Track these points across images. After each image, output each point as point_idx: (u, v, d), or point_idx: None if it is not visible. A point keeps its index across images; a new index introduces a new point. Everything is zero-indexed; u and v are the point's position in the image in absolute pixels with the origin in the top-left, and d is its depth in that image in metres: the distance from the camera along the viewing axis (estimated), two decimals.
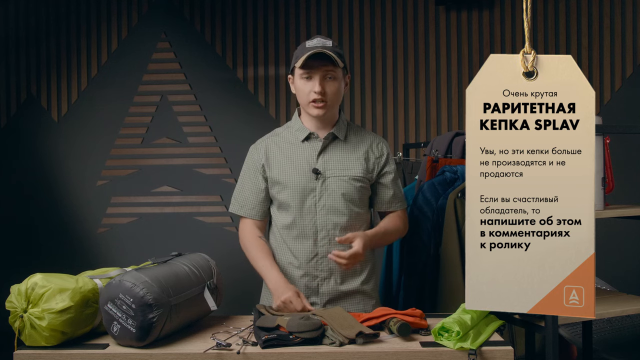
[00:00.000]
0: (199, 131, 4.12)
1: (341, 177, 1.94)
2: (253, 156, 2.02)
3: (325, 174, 1.94)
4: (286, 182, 1.94)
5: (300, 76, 1.91)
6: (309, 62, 1.88)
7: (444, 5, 4.01)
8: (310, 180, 1.93)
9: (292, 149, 1.98)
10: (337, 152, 1.97)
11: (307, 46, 1.90)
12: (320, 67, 1.88)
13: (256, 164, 2.00)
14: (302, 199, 1.93)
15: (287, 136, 2.02)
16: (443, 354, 1.51)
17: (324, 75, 1.90)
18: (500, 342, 1.58)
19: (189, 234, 4.08)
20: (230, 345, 1.52)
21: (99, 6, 4.17)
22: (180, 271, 1.67)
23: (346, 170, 1.95)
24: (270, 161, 1.98)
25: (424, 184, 2.48)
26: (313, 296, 1.95)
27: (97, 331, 1.64)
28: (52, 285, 1.52)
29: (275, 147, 2.00)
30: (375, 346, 1.53)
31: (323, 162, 1.95)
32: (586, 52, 3.96)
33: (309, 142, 1.98)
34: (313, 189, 1.93)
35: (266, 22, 4.13)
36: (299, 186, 1.93)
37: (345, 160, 1.97)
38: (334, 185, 1.93)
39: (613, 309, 1.94)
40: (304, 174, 1.94)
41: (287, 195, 1.94)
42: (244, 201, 2.01)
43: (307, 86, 1.91)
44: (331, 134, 1.97)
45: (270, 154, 1.99)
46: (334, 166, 1.95)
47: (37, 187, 4.14)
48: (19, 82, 4.20)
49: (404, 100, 4.07)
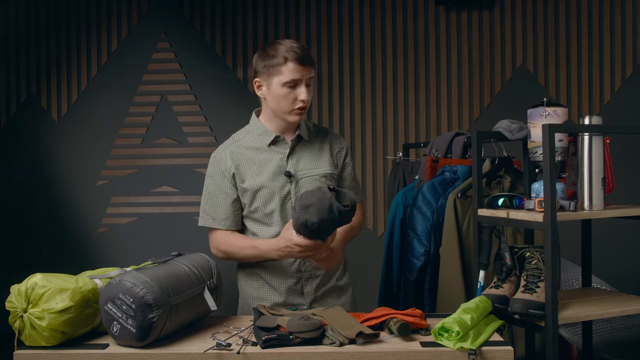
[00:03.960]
0: (199, 131, 4.12)
1: (312, 176, 1.94)
2: (219, 165, 1.93)
3: (297, 175, 1.92)
4: (260, 188, 1.90)
5: (284, 84, 1.84)
6: (297, 68, 1.82)
7: (444, 5, 4.01)
8: (284, 184, 1.91)
9: (259, 154, 1.93)
10: (304, 153, 1.96)
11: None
12: (306, 73, 1.84)
13: (224, 172, 1.92)
14: (280, 203, 1.90)
15: (249, 141, 1.96)
16: (443, 354, 1.51)
17: (307, 83, 1.86)
18: (500, 342, 1.58)
19: (189, 234, 4.07)
20: (230, 345, 1.53)
21: (99, 6, 4.17)
22: (180, 271, 1.67)
23: (316, 169, 1.95)
24: (240, 169, 1.92)
25: (424, 184, 2.48)
26: (298, 298, 1.95)
27: (97, 331, 1.64)
28: (52, 285, 1.52)
29: (242, 155, 1.93)
30: (375, 346, 1.53)
31: (293, 164, 1.93)
32: (586, 52, 3.96)
33: (276, 145, 1.94)
34: (288, 192, 1.91)
35: (266, 22, 4.13)
36: (275, 191, 1.90)
37: (313, 160, 1.96)
38: (307, 185, 1.92)
39: (613, 309, 1.94)
40: (277, 178, 1.91)
41: (262, 201, 1.90)
42: (216, 213, 1.94)
43: (293, 94, 1.85)
44: (298, 136, 1.95)
45: (238, 162, 1.92)
46: (304, 166, 1.94)
47: (37, 187, 4.14)
48: (19, 82, 4.20)
49: (404, 100, 4.07)
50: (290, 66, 1.82)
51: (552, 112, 1.87)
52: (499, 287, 1.90)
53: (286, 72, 1.83)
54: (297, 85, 1.84)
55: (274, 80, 1.85)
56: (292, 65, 1.82)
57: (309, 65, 1.84)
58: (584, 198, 1.93)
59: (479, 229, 2.04)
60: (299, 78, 1.83)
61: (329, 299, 1.99)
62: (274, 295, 1.95)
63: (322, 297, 1.98)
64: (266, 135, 1.95)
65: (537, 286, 1.82)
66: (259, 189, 1.90)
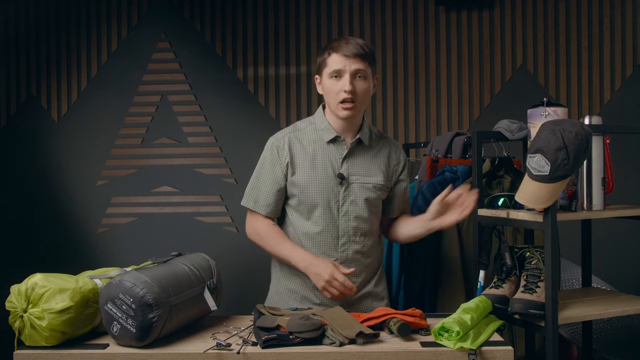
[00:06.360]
0: (199, 131, 4.12)
1: (364, 184, 1.91)
2: (274, 152, 1.92)
3: (349, 179, 1.90)
4: (310, 184, 1.89)
5: (330, 75, 1.85)
6: (340, 59, 1.83)
7: (444, 5, 4.01)
8: (335, 185, 1.89)
9: (317, 150, 1.91)
10: (360, 158, 1.93)
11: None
12: (351, 65, 1.82)
13: (278, 160, 1.91)
14: (326, 203, 1.89)
15: (310, 134, 1.94)
16: (443, 354, 1.51)
17: (354, 75, 1.84)
18: (500, 342, 1.58)
19: (189, 234, 4.08)
20: (230, 345, 1.53)
21: (99, 6, 4.17)
22: (180, 271, 1.67)
23: (369, 177, 1.93)
24: (295, 161, 1.90)
25: (424, 184, 2.48)
26: (330, 300, 1.91)
27: (97, 331, 1.64)
28: (52, 285, 1.52)
29: (299, 146, 1.92)
30: (375, 346, 1.53)
31: (347, 168, 1.91)
32: (586, 52, 3.96)
33: (334, 144, 1.92)
34: (336, 194, 1.89)
35: (266, 22, 4.13)
36: (324, 190, 1.88)
37: (368, 167, 1.94)
38: (357, 191, 1.90)
39: (613, 309, 1.94)
40: (329, 178, 1.89)
41: (309, 197, 1.89)
42: (259, 197, 1.94)
43: (337, 85, 1.84)
44: (357, 140, 1.93)
45: (294, 152, 1.91)
46: (358, 172, 1.92)
47: (37, 187, 4.14)
48: (19, 82, 4.20)
49: (404, 100, 4.07)
50: (334, 57, 1.84)
51: (552, 112, 1.87)
52: (499, 287, 1.90)
53: (330, 63, 1.85)
54: (341, 76, 1.84)
55: (324, 73, 1.88)
56: (335, 56, 1.84)
57: (354, 57, 1.82)
58: (584, 198, 1.93)
59: (479, 229, 2.04)
60: (342, 68, 1.83)
61: (366, 303, 1.98)
62: (306, 290, 1.93)
63: (358, 301, 1.96)
64: (327, 132, 1.92)
65: (537, 286, 1.82)
66: (309, 184, 1.89)
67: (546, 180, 1.67)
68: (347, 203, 1.90)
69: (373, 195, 1.93)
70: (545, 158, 1.66)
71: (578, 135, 1.64)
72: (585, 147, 1.66)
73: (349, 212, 1.90)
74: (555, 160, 1.64)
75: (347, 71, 1.83)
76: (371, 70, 1.88)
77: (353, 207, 1.90)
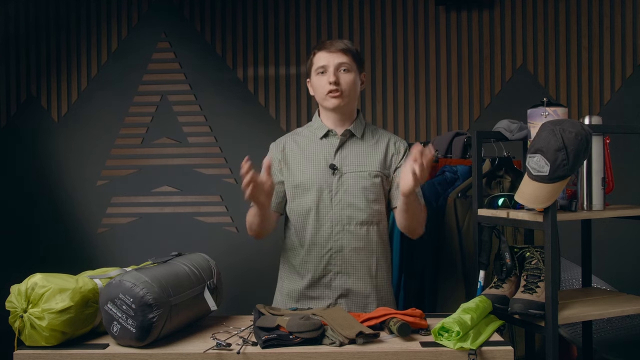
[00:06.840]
0: (199, 131, 4.11)
1: (358, 172, 1.96)
2: (272, 153, 2.07)
3: (342, 169, 1.96)
4: (302, 176, 1.97)
5: (316, 72, 1.97)
6: (324, 56, 1.95)
7: (444, 5, 4.01)
8: (328, 176, 1.95)
9: (310, 145, 2.02)
10: (355, 149, 2.00)
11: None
12: (334, 59, 1.94)
13: (275, 157, 2.04)
14: (319, 194, 1.94)
15: (306, 134, 2.06)
16: (443, 354, 1.51)
17: (337, 67, 1.94)
18: (500, 342, 1.58)
19: (189, 234, 4.07)
20: (230, 345, 1.53)
21: (99, 6, 4.17)
22: (180, 271, 1.67)
23: (363, 166, 1.97)
24: (287, 157, 2.02)
25: (424, 184, 2.48)
26: (326, 290, 1.95)
27: (97, 331, 1.64)
28: (52, 285, 1.52)
29: (294, 144, 2.04)
30: (375, 346, 1.53)
31: (340, 159, 1.98)
32: (586, 52, 3.96)
33: (327, 139, 2.01)
34: (330, 184, 1.95)
35: (266, 22, 4.13)
36: (318, 180, 1.95)
37: (362, 157, 1.99)
38: (350, 180, 1.95)
39: (613, 309, 1.94)
40: (321, 169, 1.96)
41: (303, 189, 1.96)
42: None
43: (323, 80, 1.96)
44: (348, 131, 2.00)
45: (288, 150, 2.03)
46: (351, 162, 1.97)
47: (37, 187, 4.14)
48: (19, 82, 4.20)
49: (404, 100, 4.07)
50: (318, 55, 1.98)
51: (552, 112, 1.87)
52: (499, 287, 1.90)
53: (316, 61, 1.98)
54: (326, 70, 1.95)
55: (312, 72, 2.01)
56: (319, 54, 1.98)
57: (337, 52, 1.95)
58: (584, 198, 1.93)
59: (479, 229, 2.04)
60: (326, 64, 1.95)
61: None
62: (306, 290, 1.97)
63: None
64: (320, 129, 2.03)
65: (537, 286, 1.82)
66: (301, 176, 1.97)
67: (546, 181, 1.67)
68: (340, 192, 1.94)
69: (369, 183, 1.95)
70: (544, 158, 1.66)
71: (578, 136, 1.64)
72: (585, 148, 1.66)
73: (342, 201, 1.94)
74: (555, 161, 1.64)
75: (331, 65, 1.95)
76: (356, 66, 1.98)
77: (346, 195, 1.94)
